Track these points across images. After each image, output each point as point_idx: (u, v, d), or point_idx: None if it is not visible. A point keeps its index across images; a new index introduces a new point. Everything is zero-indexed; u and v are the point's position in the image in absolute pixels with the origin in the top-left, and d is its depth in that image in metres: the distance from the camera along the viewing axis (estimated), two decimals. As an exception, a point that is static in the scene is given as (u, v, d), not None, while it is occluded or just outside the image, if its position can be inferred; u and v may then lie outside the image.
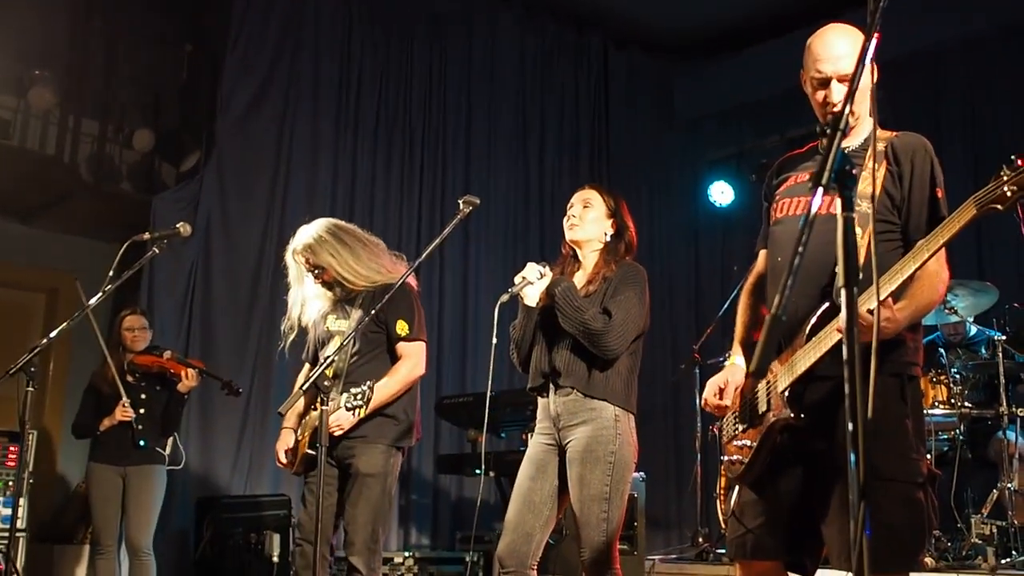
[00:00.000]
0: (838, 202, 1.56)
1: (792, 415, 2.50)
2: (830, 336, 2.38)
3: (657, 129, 9.11)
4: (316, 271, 3.94)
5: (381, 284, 3.90)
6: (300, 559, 3.82)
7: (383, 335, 3.89)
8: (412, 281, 4.00)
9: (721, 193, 8.50)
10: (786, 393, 2.52)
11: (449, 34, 8.06)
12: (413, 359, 3.91)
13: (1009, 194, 2.12)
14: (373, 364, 3.84)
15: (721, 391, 2.78)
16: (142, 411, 5.25)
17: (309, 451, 3.84)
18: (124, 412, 5.17)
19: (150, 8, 7.22)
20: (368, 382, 3.35)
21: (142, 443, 5.20)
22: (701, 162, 8.96)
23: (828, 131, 1.51)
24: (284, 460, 3.99)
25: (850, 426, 1.51)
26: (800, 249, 1.36)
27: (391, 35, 7.74)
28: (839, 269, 1.47)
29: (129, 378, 5.32)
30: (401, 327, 3.86)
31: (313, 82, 7.29)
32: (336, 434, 3.71)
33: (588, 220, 3.54)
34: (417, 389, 4.04)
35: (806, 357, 2.45)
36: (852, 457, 1.49)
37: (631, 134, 8.99)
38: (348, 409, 3.35)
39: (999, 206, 2.14)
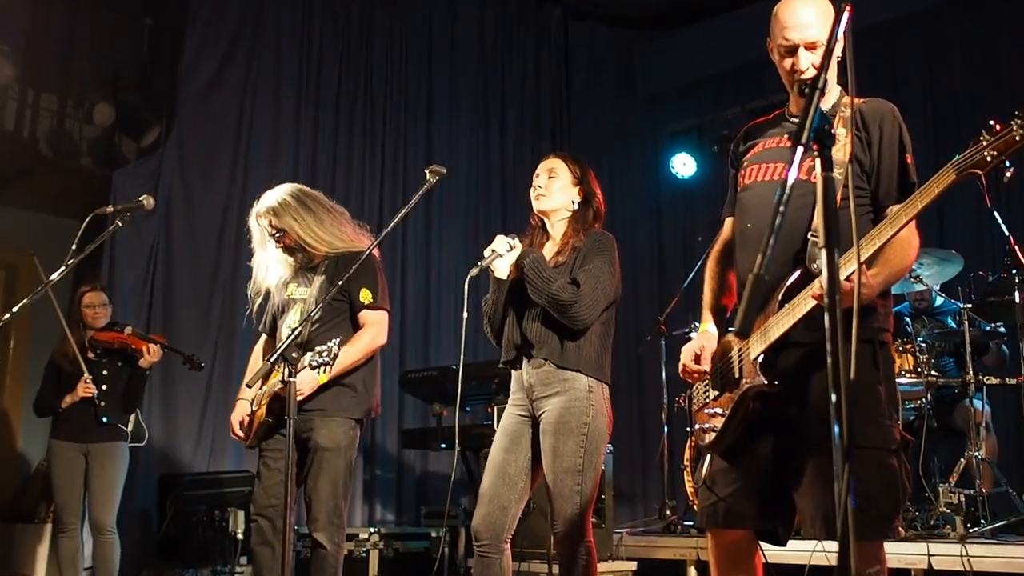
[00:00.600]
0: (813, 165, 1.54)
1: (766, 382, 2.49)
2: (805, 302, 2.37)
3: (618, 101, 9.09)
4: (278, 234, 3.87)
5: (344, 252, 3.85)
6: (256, 535, 3.75)
7: (345, 303, 3.82)
8: (375, 252, 3.96)
9: (683, 165, 8.51)
10: (759, 360, 2.51)
11: (409, 7, 7.99)
12: (376, 327, 3.86)
13: (989, 159, 2.11)
14: (334, 332, 3.71)
15: (697, 357, 2.76)
16: (104, 387, 5.17)
17: (268, 419, 3.77)
18: (86, 388, 5.09)
19: (108, -20, 7.08)
20: (334, 339, 3.27)
21: (105, 419, 5.14)
22: (662, 134, 8.95)
23: (806, 91, 1.48)
24: (240, 432, 3.91)
25: (833, 397, 1.49)
26: (781, 209, 1.34)
27: (351, 9, 7.67)
28: (818, 231, 1.45)
29: (90, 354, 5.24)
30: (364, 295, 3.81)
31: (274, 56, 7.21)
32: (299, 398, 3.60)
33: (554, 190, 3.52)
34: (377, 361, 3.98)
35: (780, 324, 2.44)
36: (836, 426, 1.46)
37: (592, 107, 8.97)
38: (313, 367, 3.27)
39: (979, 171, 2.14)
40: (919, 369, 5.06)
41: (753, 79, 7.74)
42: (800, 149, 1.42)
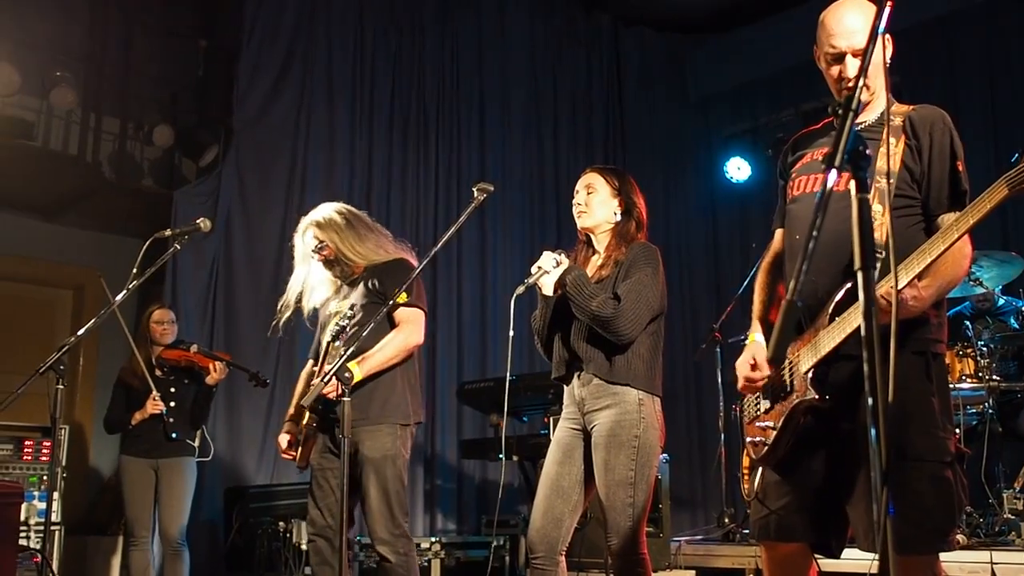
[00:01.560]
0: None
1: (816, 397, 2.49)
2: (856, 315, 2.36)
3: (671, 107, 9.07)
4: (319, 245, 3.98)
5: (381, 263, 3.95)
6: (315, 556, 3.79)
7: (383, 306, 3.87)
8: (412, 259, 4.05)
9: (738, 169, 8.46)
10: (810, 374, 2.51)
11: (459, 21, 8.06)
12: (411, 325, 3.90)
13: None
14: (375, 335, 3.78)
15: (753, 367, 2.75)
16: (172, 404, 5.31)
17: (312, 425, 3.82)
18: (155, 405, 5.22)
19: (164, 4, 7.25)
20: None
21: (173, 436, 5.28)
22: (716, 138, 8.92)
23: (840, 111, 1.49)
24: (289, 452, 3.97)
25: (870, 403, 1.49)
26: (814, 233, 1.35)
27: (402, 24, 7.76)
28: (856, 250, 1.46)
29: (158, 372, 5.39)
30: (400, 296, 3.86)
31: (327, 73, 7.32)
32: (333, 394, 3.62)
33: (594, 205, 3.53)
34: (415, 367, 4.02)
35: (831, 337, 2.44)
36: (873, 437, 1.46)
37: (645, 113, 8.97)
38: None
39: None
40: (980, 374, 4.97)
41: (805, 80, 7.65)
42: (833, 172, 1.43)
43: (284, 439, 4.02)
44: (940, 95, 6.59)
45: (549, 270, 3.41)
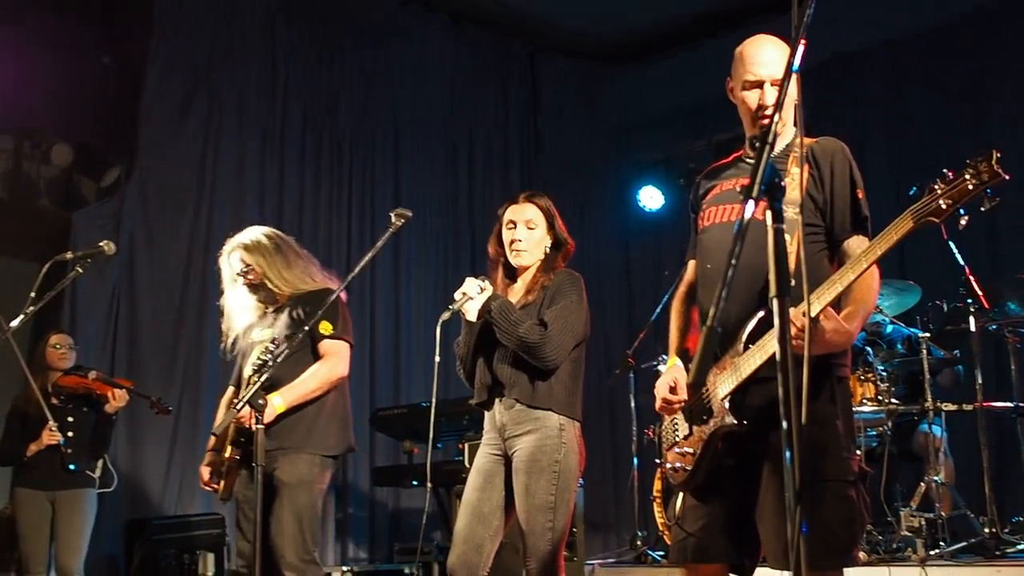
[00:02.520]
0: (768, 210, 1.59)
1: (735, 422, 2.54)
2: (772, 342, 2.42)
3: (586, 135, 9.17)
4: (245, 268, 3.92)
5: (306, 292, 3.90)
6: None
7: (307, 338, 3.82)
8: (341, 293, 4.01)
9: (650, 198, 8.58)
10: (727, 400, 2.56)
11: (374, 47, 8.01)
12: (335, 358, 3.87)
13: (945, 207, 2.20)
14: (297, 367, 3.78)
15: (673, 389, 2.79)
16: (70, 434, 5.13)
17: (236, 456, 3.76)
18: (51, 436, 5.05)
19: (66, 19, 7.03)
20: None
21: (72, 467, 5.10)
22: (630, 167, 9.03)
23: (757, 144, 1.54)
24: (212, 483, 3.91)
25: (784, 426, 1.53)
26: (733, 261, 1.38)
27: (317, 47, 7.68)
28: (771, 279, 1.50)
29: (54, 400, 5.20)
30: (324, 327, 3.83)
31: (237, 97, 7.20)
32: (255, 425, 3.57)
33: (534, 243, 3.54)
34: (344, 396, 3.98)
35: (748, 363, 2.49)
36: (788, 458, 1.50)
37: (560, 141, 9.04)
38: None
39: (935, 219, 2.22)
40: (880, 397, 5.14)
41: (718, 112, 7.77)
42: (751, 203, 1.46)
43: (206, 471, 3.95)
44: (845, 131, 6.82)
45: (473, 296, 3.42)
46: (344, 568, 6.04)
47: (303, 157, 7.46)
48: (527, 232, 3.52)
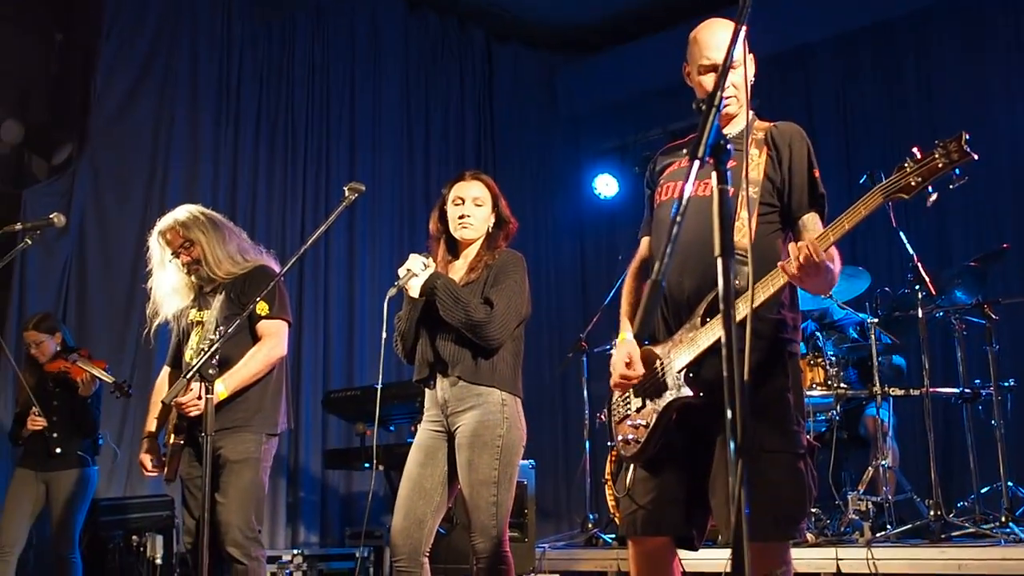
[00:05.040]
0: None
1: (691, 393, 2.57)
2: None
3: (541, 123, 9.19)
4: (184, 244, 3.87)
5: (243, 273, 3.90)
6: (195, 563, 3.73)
7: (244, 320, 3.81)
8: (274, 265, 4.02)
9: (606, 185, 8.62)
10: (682, 373, 2.59)
11: (332, 27, 7.96)
12: (274, 338, 3.89)
13: (914, 184, 2.28)
14: (236, 348, 3.78)
15: (628, 364, 2.81)
16: (55, 418, 5.21)
17: (179, 441, 3.77)
18: (34, 421, 5.16)
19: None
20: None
21: (58, 451, 5.19)
22: (585, 155, 9.07)
23: (702, 107, 1.55)
24: (153, 469, 3.92)
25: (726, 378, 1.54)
26: (679, 219, 1.40)
27: (272, 26, 7.61)
28: (716, 238, 1.52)
29: (50, 384, 5.30)
30: (261, 307, 3.83)
31: (191, 74, 7.13)
32: (194, 413, 3.63)
33: (481, 219, 3.57)
34: (282, 376, 4.00)
35: (708, 335, 2.53)
36: (731, 437, 1.52)
37: (516, 128, 9.05)
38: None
39: (904, 195, 2.29)
40: (829, 382, 5.22)
41: (674, 101, 7.90)
42: (696, 163, 1.48)
43: (147, 459, 3.94)
44: (797, 123, 6.90)
45: (418, 272, 3.44)
46: (295, 552, 6.01)
47: (257, 135, 7.40)
48: (475, 208, 3.55)
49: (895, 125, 7.27)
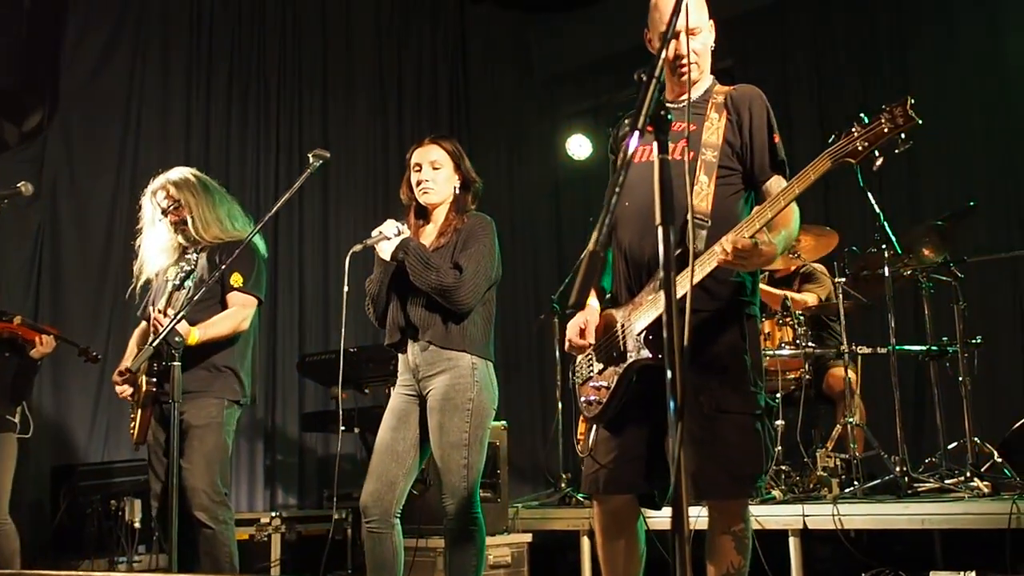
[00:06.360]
0: (686, 147, 1.63)
1: (651, 355, 2.61)
2: (687, 276, 2.50)
3: (515, 83, 9.16)
4: (172, 206, 3.93)
5: (230, 241, 3.93)
6: (162, 529, 3.79)
7: (218, 285, 3.87)
8: (260, 243, 4.06)
9: (579, 146, 8.61)
10: (641, 335, 2.63)
11: (303, -13, 7.90)
12: (245, 311, 3.95)
13: (861, 149, 2.33)
14: (204, 315, 3.85)
15: (582, 331, 2.87)
16: None
17: (151, 388, 3.81)
18: None
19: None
20: None
21: None
22: (559, 116, 9.05)
23: (643, 78, 1.58)
24: (125, 391, 3.97)
25: (669, 374, 1.58)
26: (616, 189, 1.42)
27: (243, -13, 7.54)
28: (656, 208, 1.55)
29: None
30: (236, 279, 3.91)
31: (161, 37, 7.08)
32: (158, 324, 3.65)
33: (440, 181, 3.58)
34: (248, 347, 4.05)
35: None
36: (669, 381, 1.56)
37: (490, 89, 9.03)
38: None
39: (852, 160, 2.33)
40: (797, 341, 5.28)
41: (647, 61, 7.85)
42: (637, 133, 1.51)
43: (122, 385, 3.97)
44: (770, 80, 6.91)
45: (390, 237, 3.46)
46: (273, 514, 6.07)
47: (229, 97, 7.36)
48: (432, 172, 3.58)
49: (868, 83, 7.29)
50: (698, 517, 4.12)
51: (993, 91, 6.80)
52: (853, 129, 2.33)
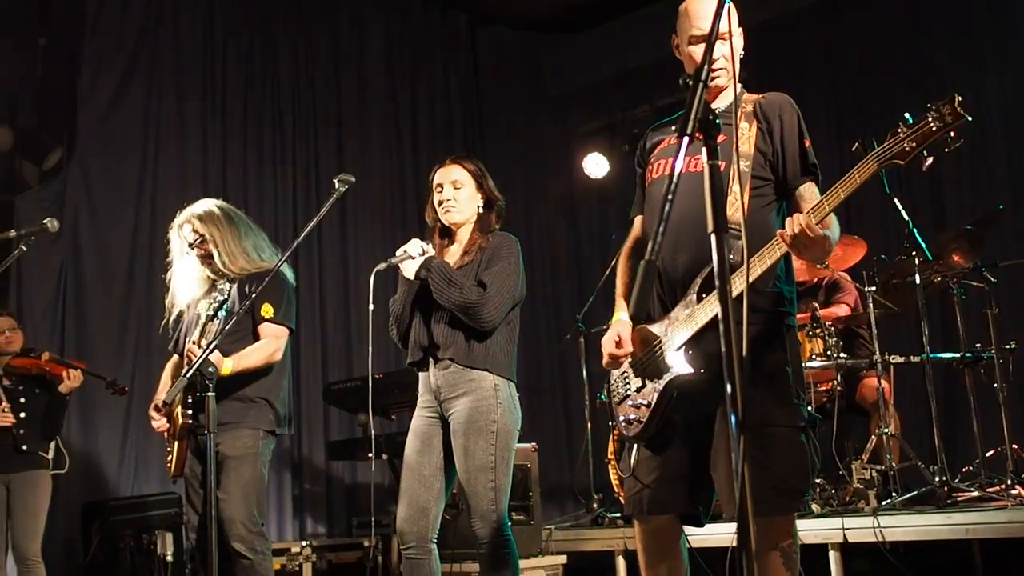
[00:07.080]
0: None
1: (691, 371, 2.57)
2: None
3: (529, 105, 9.14)
4: (197, 239, 3.93)
5: (259, 272, 3.91)
6: (202, 559, 3.78)
7: (249, 317, 3.86)
8: (288, 272, 4.06)
9: (596, 165, 8.57)
10: (680, 351, 2.59)
11: (313, 20, 7.91)
12: (275, 343, 3.93)
13: (909, 149, 2.26)
14: (237, 346, 3.84)
15: (618, 344, 2.82)
16: (22, 415, 5.10)
17: (188, 421, 3.81)
18: (3, 417, 5.01)
19: (-1, 4, 6.88)
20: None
21: (24, 448, 5.06)
22: (574, 135, 9.03)
23: (689, 82, 1.55)
24: (161, 423, 3.95)
25: (729, 388, 1.54)
26: (670, 197, 1.39)
27: (254, 23, 7.56)
28: (708, 214, 1.51)
29: (6, 382, 5.17)
30: (266, 310, 3.90)
31: (175, 73, 7.09)
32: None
33: (463, 200, 3.56)
34: (283, 377, 4.05)
35: (706, 310, 2.53)
36: (730, 394, 1.52)
37: (503, 112, 9.01)
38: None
39: (900, 161, 2.28)
40: (828, 352, 5.21)
41: (661, 76, 7.85)
42: (686, 139, 1.48)
43: (157, 417, 3.97)
44: (785, 91, 6.87)
45: (414, 256, 3.45)
46: (303, 543, 6.03)
47: (245, 131, 7.37)
48: (454, 191, 3.56)
49: (884, 91, 7.24)
50: (730, 534, 4.11)
51: (1011, 93, 6.74)
52: (899, 130, 2.27)
